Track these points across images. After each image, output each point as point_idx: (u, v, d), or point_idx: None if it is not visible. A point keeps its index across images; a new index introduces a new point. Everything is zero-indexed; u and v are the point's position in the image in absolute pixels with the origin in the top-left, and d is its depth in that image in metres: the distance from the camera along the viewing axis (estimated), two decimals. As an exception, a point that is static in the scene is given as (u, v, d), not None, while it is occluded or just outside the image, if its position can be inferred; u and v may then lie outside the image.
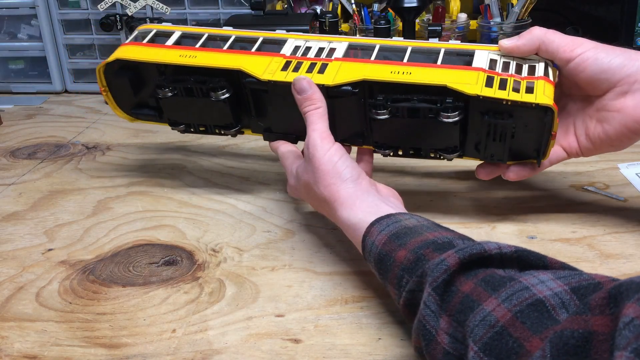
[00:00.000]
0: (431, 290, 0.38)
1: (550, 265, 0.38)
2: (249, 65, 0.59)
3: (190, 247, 0.61)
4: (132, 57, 0.62)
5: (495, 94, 0.52)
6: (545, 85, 0.53)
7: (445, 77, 0.54)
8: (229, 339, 0.47)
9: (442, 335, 0.37)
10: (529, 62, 0.55)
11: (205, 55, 0.60)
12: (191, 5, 1.08)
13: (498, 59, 0.56)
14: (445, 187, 0.72)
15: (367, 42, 0.60)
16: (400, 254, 0.43)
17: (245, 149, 0.86)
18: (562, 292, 0.33)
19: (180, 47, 0.63)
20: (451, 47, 0.58)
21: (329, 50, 0.60)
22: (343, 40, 0.60)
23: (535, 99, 0.51)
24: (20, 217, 0.69)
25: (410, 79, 0.54)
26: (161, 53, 0.62)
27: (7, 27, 1.16)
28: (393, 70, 0.55)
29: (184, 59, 0.60)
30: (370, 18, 1.08)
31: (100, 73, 0.65)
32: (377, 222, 0.47)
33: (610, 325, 0.28)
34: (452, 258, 0.38)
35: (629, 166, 0.74)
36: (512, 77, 0.54)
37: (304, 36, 0.62)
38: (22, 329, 0.50)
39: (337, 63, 0.58)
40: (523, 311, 0.33)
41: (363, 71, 0.56)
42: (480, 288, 0.36)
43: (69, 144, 0.91)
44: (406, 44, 0.58)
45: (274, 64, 0.59)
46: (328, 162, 0.52)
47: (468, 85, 0.52)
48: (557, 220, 0.63)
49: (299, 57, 0.59)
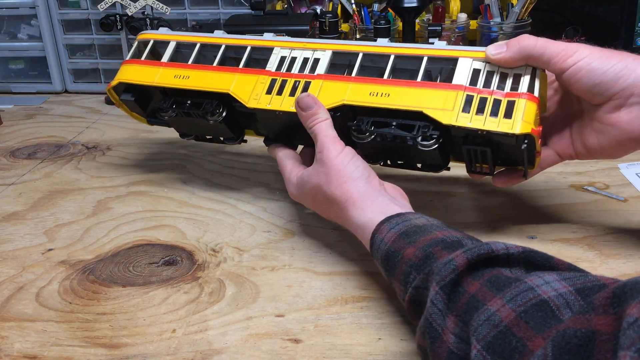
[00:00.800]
0: (439, 289, 0.38)
1: (557, 266, 0.38)
2: (236, 88, 0.61)
3: (190, 247, 0.61)
4: (133, 80, 0.67)
5: (472, 122, 0.51)
6: (527, 106, 0.50)
7: (423, 100, 0.53)
8: (229, 339, 0.47)
9: (447, 334, 0.37)
10: (515, 70, 0.53)
11: (197, 76, 0.64)
12: (191, 5, 1.08)
13: (482, 68, 0.54)
14: (445, 187, 0.72)
15: (350, 50, 0.59)
16: (409, 251, 0.43)
17: (245, 149, 0.86)
18: (566, 292, 0.33)
19: (175, 65, 0.66)
20: (435, 54, 0.56)
21: (313, 61, 0.60)
22: (327, 48, 0.60)
23: (511, 127, 0.50)
24: (20, 217, 0.69)
25: (388, 102, 0.54)
26: (159, 74, 0.66)
27: (7, 27, 1.16)
28: (372, 91, 0.55)
29: (179, 80, 0.64)
30: (370, 18, 1.08)
31: (110, 92, 0.71)
32: (387, 220, 0.48)
33: (613, 324, 0.28)
34: (461, 258, 0.38)
35: (629, 166, 0.74)
36: (492, 95, 0.52)
37: (289, 43, 0.62)
38: (22, 329, 0.50)
39: (319, 82, 0.58)
40: (527, 311, 0.33)
41: (343, 93, 0.57)
42: (485, 288, 0.36)
43: (69, 144, 0.91)
44: (389, 51, 0.57)
45: (259, 85, 0.61)
46: (340, 163, 0.53)
47: (444, 112, 0.52)
48: (557, 220, 0.63)
49: (284, 73, 0.60)
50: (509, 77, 0.52)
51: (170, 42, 0.68)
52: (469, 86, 0.53)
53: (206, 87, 0.63)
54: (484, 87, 0.52)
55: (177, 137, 0.89)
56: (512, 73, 0.52)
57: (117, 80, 0.68)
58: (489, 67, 0.53)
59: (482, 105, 0.51)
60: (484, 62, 0.54)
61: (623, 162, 0.75)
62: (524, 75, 0.52)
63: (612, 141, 0.53)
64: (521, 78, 0.52)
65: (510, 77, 0.52)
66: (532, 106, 0.51)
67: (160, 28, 0.71)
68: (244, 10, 1.05)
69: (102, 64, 1.15)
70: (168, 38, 0.69)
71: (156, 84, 0.65)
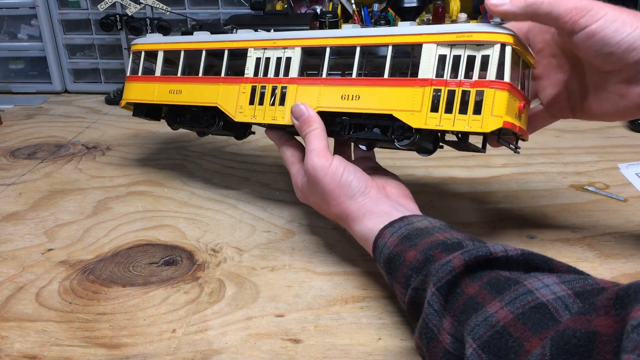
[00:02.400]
0: (435, 290, 0.38)
1: (556, 269, 0.38)
2: (223, 100, 0.63)
3: (190, 247, 0.61)
4: (137, 99, 0.72)
5: (441, 123, 0.50)
6: (496, 97, 0.48)
7: (392, 101, 0.53)
8: (229, 339, 0.47)
9: (444, 334, 0.37)
10: (483, 50, 0.49)
11: (188, 90, 0.67)
12: (191, 5, 1.08)
13: (448, 53, 0.50)
14: (445, 187, 0.72)
15: (318, 45, 0.59)
16: (410, 254, 0.43)
17: (245, 149, 0.86)
18: (565, 296, 0.33)
19: (168, 79, 0.69)
20: (399, 42, 0.53)
21: (285, 60, 0.60)
22: (296, 45, 0.60)
23: (481, 125, 0.48)
24: (20, 217, 0.69)
25: (360, 106, 0.54)
26: (156, 90, 0.70)
27: (7, 27, 1.16)
28: (344, 94, 0.55)
29: (174, 96, 0.68)
30: (370, 18, 1.08)
31: (126, 107, 0.75)
32: (391, 225, 0.47)
33: (614, 326, 0.28)
34: (458, 260, 0.38)
35: (629, 166, 0.74)
36: (460, 87, 0.49)
37: (262, 42, 0.62)
38: (22, 329, 0.50)
39: (294, 87, 0.59)
40: (525, 313, 0.33)
41: (317, 99, 0.57)
42: (485, 291, 0.36)
43: (69, 144, 0.91)
44: (355, 42, 0.56)
45: (241, 96, 0.62)
46: (332, 181, 0.51)
47: (412, 114, 0.51)
48: (557, 220, 0.63)
49: (261, 78, 0.61)
50: (477, 61, 0.49)
51: (159, 52, 0.70)
52: (436, 79, 0.51)
53: (197, 102, 0.66)
54: (452, 77, 0.50)
55: (177, 138, 0.89)
56: (480, 55, 0.49)
57: (125, 101, 0.73)
58: (455, 51, 0.50)
59: (451, 101, 0.50)
60: (450, 45, 0.51)
61: (623, 162, 0.75)
62: (492, 57, 0.48)
63: (619, 109, 0.50)
64: (489, 62, 0.48)
65: (478, 61, 0.49)
66: (502, 95, 0.48)
67: (147, 35, 0.73)
68: (244, 10, 1.05)
69: (102, 64, 1.15)
70: (156, 48, 0.71)
71: (156, 101, 0.70)
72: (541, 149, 0.82)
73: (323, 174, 0.51)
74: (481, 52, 0.49)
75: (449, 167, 0.77)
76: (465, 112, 0.49)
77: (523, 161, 0.78)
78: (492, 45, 0.48)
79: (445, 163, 0.79)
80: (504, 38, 0.48)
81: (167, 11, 1.01)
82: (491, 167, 0.77)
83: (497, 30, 0.48)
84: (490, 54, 0.48)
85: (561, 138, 0.86)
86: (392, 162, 0.69)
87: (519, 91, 0.51)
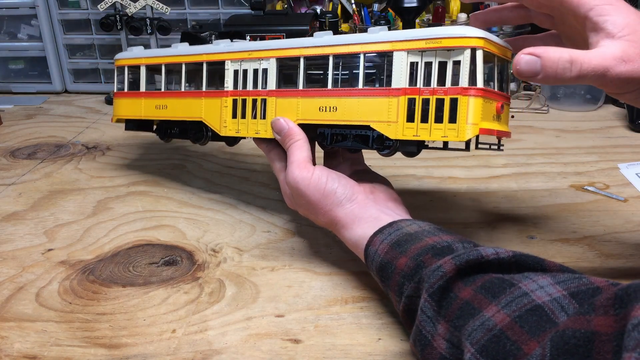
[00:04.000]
0: (427, 296, 0.38)
1: (549, 268, 0.38)
2: (207, 115, 0.64)
3: (190, 247, 0.61)
4: (126, 115, 0.74)
5: (418, 133, 0.49)
6: (470, 103, 0.47)
7: (368, 111, 0.52)
8: (229, 339, 0.47)
9: (439, 340, 0.37)
10: (454, 56, 0.48)
11: (173, 104, 0.68)
12: (191, 5, 1.08)
13: (419, 60, 0.50)
14: (445, 187, 0.72)
15: (292, 55, 0.58)
16: (401, 262, 0.43)
17: (245, 149, 0.86)
18: (560, 297, 0.33)
19: (153, 94, 0.70)
20: (370, 51, 0.53)
21: (262, 72, 0.60)
22: (270, 56, 0.59)
23: (457, 135, 0.47)
24: (20, 217, 0.69)
25: (337, 118, 0.54)
26: (142, 106, 0.71)
27: (7, 27, 1.16)
28: (321, 105, 0.55)
29: (160, 111, 0.69)
30: (370, 18, 1.08)
31: (119, 121, 0.76)
32: (380, 231, 0.47)
33: (614, 326, 0.28)
34: (449, 264, 0.38)
35: (629, 166, 0.74)
36: (434, 95, 0.49)
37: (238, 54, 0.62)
38: (22, 329, 0.50)
39: (273, 100, 0.59)
40: (522, 316, 0.33)
41: (296, 111, 0.57)
42: (480, 295, 0.36)
43: (69, 144, 0.91)
44: (327, 52, 0.55)
45: (224, 110, 0.62)
46: (315, 192, 0.51)
47: (389, 125, 0.51)
48: (557, 220, 0.63)
49: (240, 91, 0.61)
50: (448, 67, 0.48)
51: (141, 67, 0.71)
52: (409, 87, 0.50)
53: (183, 117, 0.67)
54: (425, 85, 0.49)
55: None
56: (451, 61, 0.48)
57: (115, 117, 0.75)
58: (426, 58, 0.49)
59: (426, 110, 0.49)
60: (420, 52, 0.49)
61: (623, 162, 0.75)
62: (463, 63, 0.47)
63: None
64: (460, 68, 0.48)
65: (449, 67, 0.48)
66: (476, 102, 0.47)
67: (128, 48, 0.74)
68: (244, 10, 1.05)
69: (102, 64, 1.15)
70: (137, 62, 0.71)
71: (144, 117, 0.71)
72: (541, 149, 0.82)
73: (305, 186, 0.51)
74: (452, 57, 0.48)
75: (449, 167, 0.77)
76: (441, 121, 0.48)
77: (523, 161, 0.78)
78: (463, 50, 0.47)
79: (445, 163, 0.79)
80: (474, 42, 0.47)
81: (167, 11, 1.01)
82: (491, 167, 0.77)
83: (466, 34, 0.47)
84: (461, 60, 0.47)
85: (561, 138, 0.87)
86: (392, 161, 0.69)
87: (495, 92, 0.50)
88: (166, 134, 0.71)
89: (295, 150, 0.53)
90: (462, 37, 0.47)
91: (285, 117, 0.56)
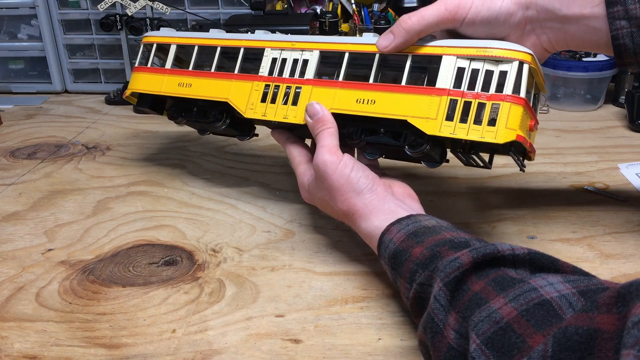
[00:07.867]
0: (442, 285, 0.38)
1: (562, 269, 0.38)
2: (234, 97, 0.63)
3: (190, 247, 0.61)
4: (143, 89, 0.71)
5: (455, 132, 0.50)
6: (511, 110, 0.49)
7: (408, 107, 0.53)
8: (229, 339, 0.47)
9: (448, 330, 0.37)
10: (502, 65, 0.50)
11: (199, 84, 0.66)
12: (191, 5, 1.08)
13: (467, 66, 0.52)
14: (445, 187, 0.72)
15: (337, 49, 0.59)
16: (416, 250, 0.44)
17: (245, 149, 0.86)
18: (569, 294, 0.33)
19: (178, 72, 0.69)
20: (419, 53, 0.54)
21: (302, 62, 0.60)
22: (315, 48, 0.60)
23: (495, 137, 0.49)
24: (20, 217, 0.69)
25: (374, 110, 0.55)
26: (164, 82, 0.69)
27: (7, 27, 1.16)
28: (359, 98, 0.56)
29: (182, 89, 0.67)
30: (370, 18, 1.08)
31: (129, 98, 0.74)
32: (397, 222, 0.48)
33: (616, 324, 0.28)
34: (466, 256, 0.39)
35: (629, 166, 0.74)
36: (476, 99, 0.50)
37: (280, 43, 0.62)
38: (22, 329, 0.50)
39: (309, 88, 0.59)
40: (529, 310, 0.33)
41: (331, 100, 0.57)
42: (489, 287, 0.37)
43: (69, 144, 0.91)
44: (375, 50, 0.56)
45: (254, 93, 0.62)
46: (340, 177, 0.52)
47: (427, 121, 0.52)
48: (557, 220, 0.63)
49: (275, 77, 0.61)
50: (494, 75, 0.50)
51: (171, 45, 0.69)
52: (453, 89, 0.51)
53: (207, 96, 0.65)
54: (469, 89, 0.51)
55: (178, 138, 0.89)
56: (498, 71, 0.50)
57: (130, 90, 0.72)
58: (474, 65, 0.51)
59: (466, 111, 0.50)
60: (469, 59, 0.52)
61: (623, 162, 0.75)
62: (510, 73, 0.50)
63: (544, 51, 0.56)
64: (506, 77, 0.50)
65: (495, 76, 0.50)
66: (517, 110, 0.49)
67: (161, 28, 0.72)
68: (244, 10, 1.05)
69: (102, 64, 1.15)
70: (169, 41, 0.70)
71: (163, 92, 0.69)
72: (541, 149, 0.82)
73: (332, 170, 0.52)
74: (499, 67, 0.51)
75: (449, 167, 0.77)
76: (480, 123, 0.50)
77: (523, 161, 0.78)
78: (511, 61, 0.50)
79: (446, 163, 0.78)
80: (522, 56, 0.50)
81: (167, 11, 1.01)
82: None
83: (517, 48, 0.50)
84: (508, 70, 0.50)
85: (561, 138, 0.87)
86: (392, 161, 0.69)
87: (531, 109, 0.52)
88: (180, 114, 0.69)
89: (327, 136, 0.54)
90: (513, 50, 0.50)
91: (320, 103, 0.56)
